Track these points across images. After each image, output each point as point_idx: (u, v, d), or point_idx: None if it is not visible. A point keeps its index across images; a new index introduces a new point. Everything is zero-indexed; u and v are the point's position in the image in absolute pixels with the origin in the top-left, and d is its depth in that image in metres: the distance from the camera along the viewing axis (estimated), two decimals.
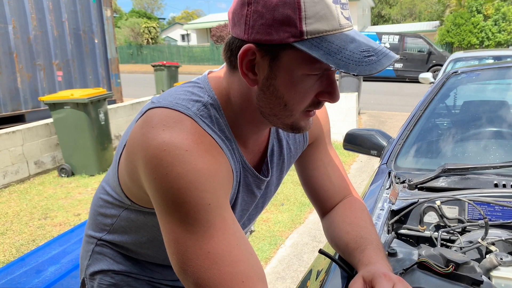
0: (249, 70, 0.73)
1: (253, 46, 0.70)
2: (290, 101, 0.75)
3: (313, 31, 0.67)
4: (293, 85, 0.73)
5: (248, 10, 0.69)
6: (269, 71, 0.72)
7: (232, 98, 0.81)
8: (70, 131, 5.06)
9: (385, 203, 1.35)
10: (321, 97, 0.76)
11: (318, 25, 0.67)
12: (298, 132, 0.82)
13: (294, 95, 0.74)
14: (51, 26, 6.60)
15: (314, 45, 0.67)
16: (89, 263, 1.03)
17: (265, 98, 0.76)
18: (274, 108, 0.76)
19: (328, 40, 0.68)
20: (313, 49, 0.67)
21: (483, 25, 22.32)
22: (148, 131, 0.72)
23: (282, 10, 0.67)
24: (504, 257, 1.02)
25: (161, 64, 11.87)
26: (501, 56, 6.34)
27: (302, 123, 0.80)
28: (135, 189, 0.83)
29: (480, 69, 2.31)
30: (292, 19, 0.67)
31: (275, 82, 0.73)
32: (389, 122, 8.50)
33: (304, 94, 0.74)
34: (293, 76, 0.72)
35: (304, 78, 0.72)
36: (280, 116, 0.78)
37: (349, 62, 0.66)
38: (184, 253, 0.70)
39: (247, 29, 0.70)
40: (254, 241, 3.40)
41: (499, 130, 1.93)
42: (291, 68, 0.71)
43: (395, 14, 40.22)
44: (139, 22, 34.47)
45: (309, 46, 0.67)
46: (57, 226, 3.79)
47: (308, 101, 0.75)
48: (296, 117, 0.78)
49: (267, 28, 0.68)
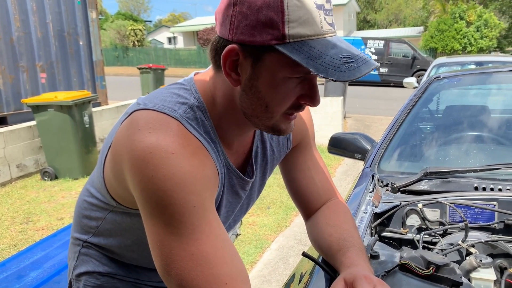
0: (232, 70, 0.74)
1: (237, 46, 0.71)
2: (271, 102, 0.75)
3: (295, 35, 0.68)
4: (274, 87, 0.73)
5: (234, 10, 0.70)
6: (251, 72, 0.73)
7: (217, 99, 0.81)
8: (53, 134, 4.98)
9: (368, 206, 1.37)
10: (302, 100, 0.77)
11: (300, 30, 0.68)
12: (279, 134, 0.83)
13: (275, 97, 0.75)
14: (34, 27, 6.50)
15: (296, 48, 0.68)
16: (76, 264, 1.03)
17: (247, 99, 0.77)
18: (255, 109, 0.77)
19: (310, 44, 0.69)
20: (294, 52, 0.68)
21: (466, 31, 22.77)
22: (134, 133, 0.72)
23: (265, 13, 0.68)
24: (484, 259, 1.04)
25: (147, 67, 11.80)
26: (483, 62, 6.47)
27: (282, 126, 0.81)
28: (120, 190, 0.83)
29: (461, 75, 2.35)
30: (275, 22, 0.68)
31: (257, 83, 0.74)
32: (374, 126, 8.59)
33: (285, 96, 0.75)
34: (275, 78, 0.72)
35: (285, 80, 0.73)
36: (262, 117, 0.78)
37: (329, 67, 0.67)
38: (168, 255, 0.70)
39: (231, 30, 0.71)
40: (240, 245, 3.40)
41: (480, 134, 1.97)
42: (273, 70, 0.72)
43: (381, 20, 40.74)
44: (125, 25, 34.20)
45: (290, 49, 0.68)
46: (40, 230, 3.73)
47: (289, 103, 0.76)
48: (277, 119, 0.79)
49: (251, 29, 0.69)
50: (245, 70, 0.74)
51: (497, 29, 23.09)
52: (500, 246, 1.16)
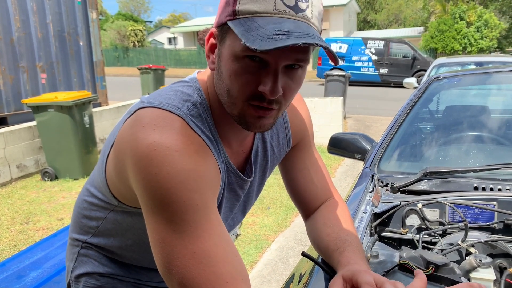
0: (212, 53, 0.78)
1: (214, 29, 0.76)
2: (230, 86, 0.74)
3: (244, 11, 0.70)
4: (232, 67, 0.73)
5: None
6: (217, 53, 0.76)
7: (211, 94, 0.82)
8: (53, 134, 4.98)
9: (368, 206, 1.37)
10: (260, 88, 0.72)
11: (250, 6, 0.69)
12: (246, 129, 0.79)
13: (234, 80, 0.73)
14: (35, 27, 6.50)
15: (241, 23, 0.69)
16: (74, 265, 1.03)
17: (216, 83, 0.79)
18: (222, 95, 0.78)
19: (255, 20, 0.69)
20: (237, 26, 0.69)
21: (466, 32, 22.78)
22: (138, 131, 0.72)
23: None
24: (483, 259, 1.04)
25: (147, 67, 11.80)
26: (483, 62, 6.47)
27: (249, 119, 0.77)
28: (122, 188, 0.83)
29: (461, 75, 2.35)
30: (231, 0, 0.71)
31: (220, 64, 0.76)
32: (374, 126, 8.59)
33: (243, 81, 0.72)
34: (233, 58, 0.72)
35: (242, 62, 0.71)
36: (228, 104, 0.77)
37: (257, 38, 0.65)
38: (169, 253, 0.71)
39: (217, 16, 0.76)
40: (240, 245, 3.40)
41: (480, 134, 1.97)
42: (229, 49, 0.73)
43: (381, 20, 40.74)
44: (125, 25, 34.21)
45: (236, 24, 0.69)
46: (40, 230, 3.73)
47: (248, 90, 0.73)
48: (241, 108, 0.76)
49: (220, 10, 0.74)
50: (217, 52, 0.77)
51: (497, 29, 23.09)
52: (499, 246, 1.16)
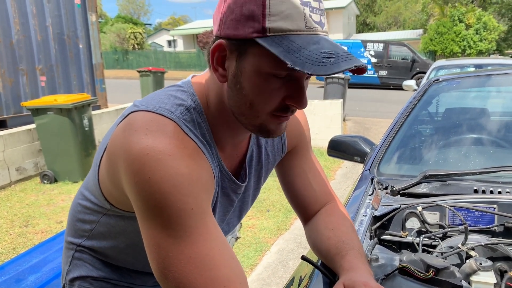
0: (220, 65, 0.75)
1: (224, 41, 0.73)
2: (255, 100, 0.74)
3: (276, 28, 0.68)
4: (257, 83, 0.73)
5: (223, 7, 0.72)
6: (236, 68, 0.73)
7: (210, 99, 0.81)
8: (53, 137, 4.98)
9: (367, 209, 1.36)
10: (288, 101, 0.75)
11: (281, 24, 0.68)
12: (267, 136, 0.81)
13: (259, 95, 0.74)
14: (34, 30, 6.51)
15: (276, 42, 0.68)
16: (69, 269, 1.02)
17: (233, 96, 0.76)
18: (241, 107, 0.77)
19: (291, 39, 0.68)
20: (273, 45, 0.67)
21: (465, 34, 22.82)
22: (131, 135, 0.71)
23: (248, 6, 0.69)
24: (484, 262, 1.03)
25: (147, 70, 11.81)
26: (482, 65, 6.48)
27: (271, 126, 0.78)
28: (115, 192, 0.82)
29: (460, 77, 2.35)
30: (256, 15, 0.68)
31: (240, 79, 0.74)
32: (374, 129, 8.59)
33: (269, 95, 0.74)
34: (258, 74, 0.72)
35: (269, 78, 0.72)
36: (247, 116, 0.77)
37: (306, 61, 0.65)
38: (165, 258, 0.70)
39: (221, 25, 0.73)
40: (240, 248, 3.39)
41: (480, 137, 1.97)
42: (256, 65, 0.71)
43: (380, 22, 40.82)
44: (125, 28, 34.25)
45: (270, 42, 0.68)
46: (39, 233, 3.72)
47: (274, 104, 0.75)
48: (263, 119, 0.77)
49: (236, 23, 0.70)
50: (231, 65, 0.74)
51: (496, 31, 23.13)
52: (500, 249, 1.15)
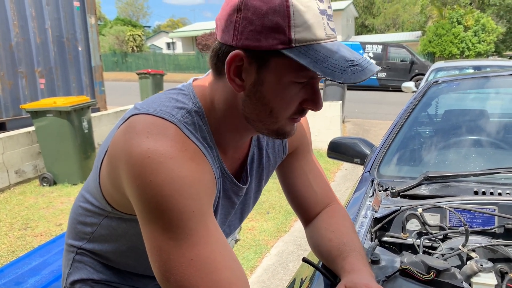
0: (236, 76, 0.74)
1: (242, 52, 0.72)
2: (275, 107, 0.76)
3: (301, 39, 0.69)
4: (279, 91, 0.74)
5: (238, 16, 0.71)
6: (256, 77, 0.74)
7: (216, 105, 0.81)
8: (52, 139, 4.97)
9: (368, 211, 1.36)
10: (306, 105, 0.78)
11: (305, 34, 0.69)
12: (283, 138, 0.84)
13: (280, 102, 0.75)
14: (33, 33, 6.51)
15: (302, 53, 0.69)
16: (69, 271, 1.02)
17: (251, 104, 0.77)
18: (260, 114, 0.78)
19: (315, 49, 0.70)
20: (301, 56, 0.69)
21: (464, 36, 22.89)
22: (132, 138, 0.71)
23: (272, 18, 0.68)
24: (484, 263, 1.03)
25: (146, 72, 11.82)
26: (481, 66, 6.50)
27: (287, 128, 0.82)
28: (117, 195, 0.82)
29: (460, 79, 2.35)
30: (281, 27, 0.69)
31: (261, 88, 0.74)
32: (373, 131, 8.60)
33: (289, 101, 0.76)
34: (280, 83, 0.73)
35: (290, 85, 0.74)
36: (266, 122, 0.79)
37: (335, 70, 0.68)
38: (167, 261, 0.70)
39: (235, 35, 0.72)
40: (239, 250, 3.39)
41: (479, 138, 1.97)
42: (278, 74, 0.72)
43: (379, 24, 40.90)
44: (124, 30, 34.28)
45: (296, 53, 0.69)
46: (38, 236, 3.71)
47: (293, 108, 0.77)
48: (282, 123, 0.80)
49: (257, 34, 0.70)
50: (249, 75, 0.74)
51: (495, 33, 23.20)
52: (500, 251, 1.15)
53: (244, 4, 0.70)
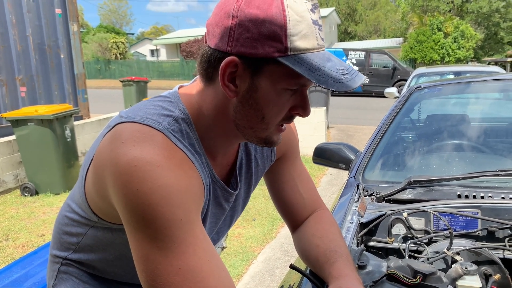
0: (230, 82, 0.75)
1: (236, 58, 0.72)
2: (267, 114, 0.77)
3: (296, 48, 0.71)
4: (272, 98, 0.76)
5: (232, 23, 0.71)
6: (250, 84, 0.74)
7: (205, 111, 0.81)
8: (34, 148, 4.88)
9: (354, 216, 1.37)
10: (295, 111, 0.80)
11: (300, 43, 0.71)
12: (270, 146, 0.85)
13: (272, 108, 0.77)
14: (14, 40, 6.40)
15: (297, 61, 0.71)
16: (54, 283, 1.00)
17: (243, 111, 0.77)
18: (251, 121, 0.79)
19: (309, 57, 0.72)
20: (296, 64, 0.71)
21: (444, 42, 23.39)
22: (118, 147, 0.71)
23: (269, 26, 0.70)
24: (469, 266, 1.05)
25: (129, 79, 11.71)
26: (461, 72, 6.64)
27: (274, 137, 0.83)
28: (103, 205, 0.81)
29: (441, 84, 2.40)
30: (278, 35, 0.70)
31: (255, 95, 0.75)
32: (357, 136, 8.68)
33: (281, 108, 0.77)
34: (274, 90, 0.75)
35: (282, 92, 0.76)
36: (256, 129, 0.80)
37: (328, 78, 0.71)
38: (154, 270, 0.69)
39: (230, 42, 0.72)
40: (226, 258, 3.37)
41: (461, 142, 2.00)
42: (272, 81, 0.74)
43: (361, 31, 41.49)
44: (107, 37, 33.99)
45: (292, 61, 0.71)
46: (19, 248, 3.63)
47: (283, 114, 0.79)
48: (271, 131, 0.81)
49: (253, 42, 0.71)
50: (243, 81, 0.75)
51: (474, 40, 23.76)
52: (484, 253, 1.17)
53: (240, 11, 0.70)
